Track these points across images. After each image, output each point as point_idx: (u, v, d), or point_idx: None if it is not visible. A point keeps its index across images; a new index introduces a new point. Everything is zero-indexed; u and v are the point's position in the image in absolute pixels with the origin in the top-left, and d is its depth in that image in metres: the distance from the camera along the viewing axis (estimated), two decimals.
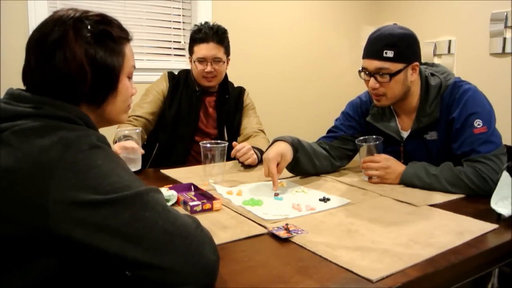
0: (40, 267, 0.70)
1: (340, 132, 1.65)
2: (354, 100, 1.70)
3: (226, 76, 2.01)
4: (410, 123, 1.52)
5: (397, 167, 1.44)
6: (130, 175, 0.73)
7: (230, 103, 2.01)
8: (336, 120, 1.72)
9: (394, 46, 1.37)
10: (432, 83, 1.46)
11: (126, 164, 0.77)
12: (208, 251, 0.71)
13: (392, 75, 1.39)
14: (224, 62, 1.93)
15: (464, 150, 1.37)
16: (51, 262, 0.70)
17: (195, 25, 1.94)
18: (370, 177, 1.47)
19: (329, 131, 1.70)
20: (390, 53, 1.37)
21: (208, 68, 1.87)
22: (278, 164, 1.37)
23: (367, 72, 1.44)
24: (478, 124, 1.35)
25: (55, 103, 0.76)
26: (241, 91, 2.08)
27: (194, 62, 1.89)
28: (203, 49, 1.86)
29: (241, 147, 1.66)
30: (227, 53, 1.95)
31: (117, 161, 0.74)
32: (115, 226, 0.66)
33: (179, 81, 1.96)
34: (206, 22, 1.92)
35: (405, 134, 1.54)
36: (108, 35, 0.83)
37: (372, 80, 1.42)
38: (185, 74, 1.99)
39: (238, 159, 1.68)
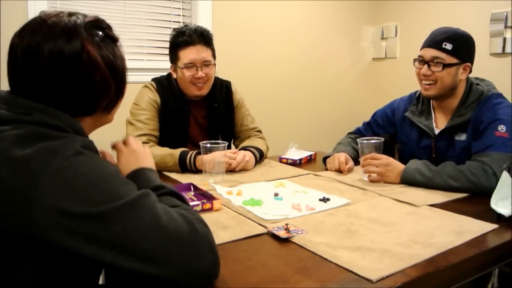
0: (28, 274, 0.67)
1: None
2: (386, 109, 1.82)
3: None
4: (446, 122, 1.60)
5: (397, 165, 1.46)
6: (118, 180, 0.70)
7: (221, 108, 1.86)
8: (363, 125, 1.89)
9: (454, 41, 1.49)
10: (474, 89, 1.56)
11: (114, 168, 0.73)
12: (205, 252, 0.70)
13: (445, 65, 1.49)
14: (213, 66, 1.76)
15: (480, 147, 1.42)
16: (39, 268, 0.68)
17: (174, 29, 1.76)
18: (369, 175, 1.48)
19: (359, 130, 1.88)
20: (449, 46, 1.48)
21: (199, 73, 1.69)
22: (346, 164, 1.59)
23: (421, 60, 1.55)
24: (501, 129, 1.41)
25: (47, 110, 0.73)
26: (228, 89, 1.91)
27: (182, 69, 1.70)
28: (190, 53, 1.68)
29: (237, 164, 1.61)
30: (214, 56, 1.77)
31: (105, 167, 0.71)
32: (107, 239, 0.65)
33: (168, 98, 1.77)
34: (186, 25, 1.76)
35: (438, 132, 1.62)
36: (113, 39, 0.82)
37: (425, 67, 1.52)
38: (170, 88, 1.79)
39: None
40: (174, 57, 1.75)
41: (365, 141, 1.52)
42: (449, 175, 1.36)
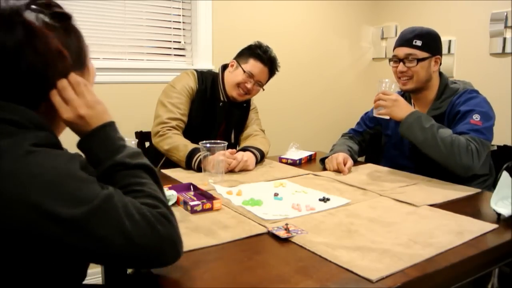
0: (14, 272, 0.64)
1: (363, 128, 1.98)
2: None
3: None
4: None
5: (406, 104, 1.55)
6: (76, 180, 0.66)
7: (242, 111, 2.00)
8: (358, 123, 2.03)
9: (422, 37, 1.62)
10: (450, 87, 1.68)
11: (71, 164, 0.68)
12: (167, 250, 0.72)
13: (419, 60, 1.62)
14: (262, 89, 1.96)
15: (456, 131, 1.51)
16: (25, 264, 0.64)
17: (258, 41, 1.96)
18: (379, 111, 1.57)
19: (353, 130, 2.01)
20: (418, 42, 1.62)
21: (249, 86, 1.86)
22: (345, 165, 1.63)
23: (396, 60, 1.68)
24: (476, 118, 1.52)
25: (0, 104, 0.68)
26: None
27: (243, 72, 1.85)
28: (258, 69, 1.86)
29: (237, 163, 1.63)
30: (267, 83, 1.97)
31: (60, 166, 0.65)
32: (69, 243, 0.63)
33: (206, 88, 1.89)
34: (268, 47, 1.95)
35: None
36: (64, 15, 0.75)
37: (401, 64, 1.66)
38: (212, 79, 1.92)
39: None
40: (244, 58, 1.91)
41: (382, 80, 1.60)
42: (442, 137, 1.45)
